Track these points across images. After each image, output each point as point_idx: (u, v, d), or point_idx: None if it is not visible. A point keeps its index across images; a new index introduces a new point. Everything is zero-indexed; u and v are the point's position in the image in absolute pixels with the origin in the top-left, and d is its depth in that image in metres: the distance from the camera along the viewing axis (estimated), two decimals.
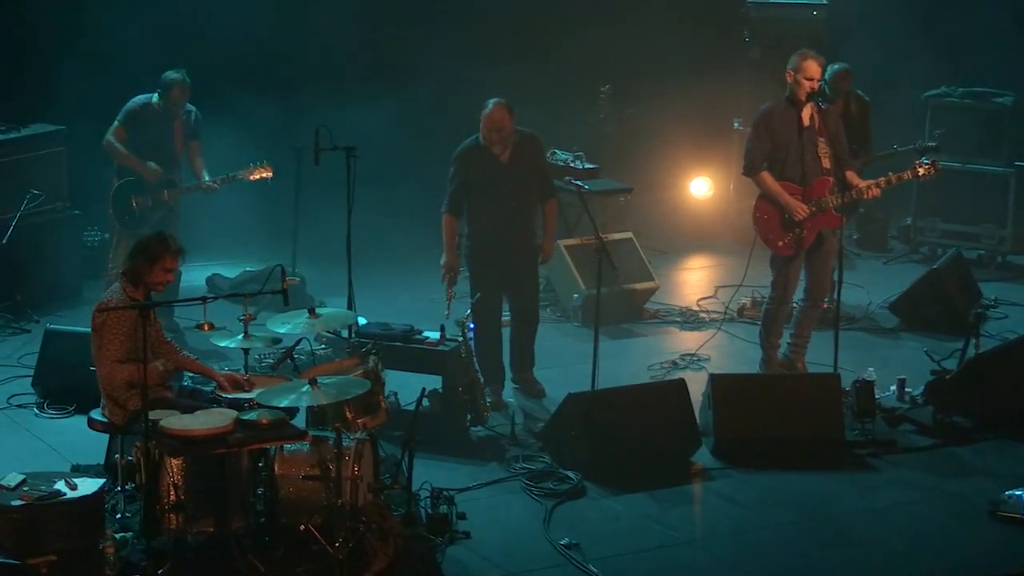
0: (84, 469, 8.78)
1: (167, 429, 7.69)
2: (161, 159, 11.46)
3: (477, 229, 10.32)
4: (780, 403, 9.69)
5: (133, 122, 11.44)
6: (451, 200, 10.26)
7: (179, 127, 11.55)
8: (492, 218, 10.25)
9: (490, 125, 10.11)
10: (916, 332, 12.06)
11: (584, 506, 8.93)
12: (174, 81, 11.35)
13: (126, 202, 11.44)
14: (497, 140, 10.13)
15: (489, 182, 10.18)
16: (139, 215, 11.42)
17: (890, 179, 10.57)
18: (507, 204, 10.23)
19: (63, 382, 10.14)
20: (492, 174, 10.18)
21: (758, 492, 9.19)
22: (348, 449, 7.90)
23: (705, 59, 15.09)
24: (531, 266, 10.53)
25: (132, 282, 8.42)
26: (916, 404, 10.30)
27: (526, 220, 10.40)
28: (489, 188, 10.20)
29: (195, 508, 7.68)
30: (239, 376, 8.63)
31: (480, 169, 10.19)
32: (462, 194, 10.24)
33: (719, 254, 14.28)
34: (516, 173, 10.23)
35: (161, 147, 11.48)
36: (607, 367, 10.19)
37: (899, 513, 8.97)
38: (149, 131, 11.43)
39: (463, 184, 10.22)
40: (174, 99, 11.38)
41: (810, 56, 10.35)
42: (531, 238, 10.46)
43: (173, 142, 11.55)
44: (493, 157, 10.18)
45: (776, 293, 10.69)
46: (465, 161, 10.23)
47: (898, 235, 14.73)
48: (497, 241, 10.27)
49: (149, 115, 11.45)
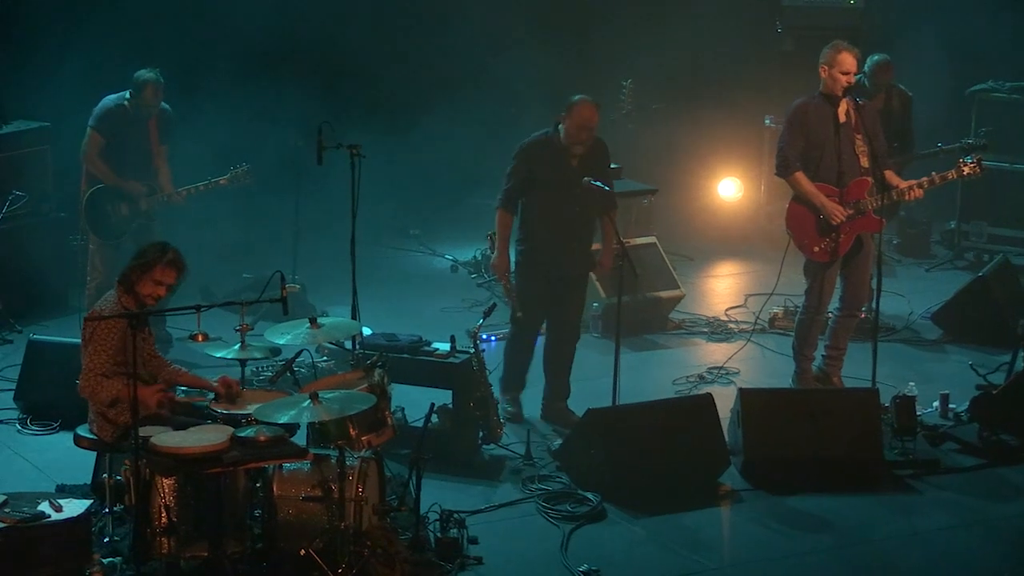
0: (70, 489, 8.81)
1: (158, 447, 7.71)
2: (137, 163, 11.50)
3: (535, 233, 10.21)
4: (814, 420, 9.69)
5: (108, 126, 11.46)
6: (510, 196, 10.19)
7: (154, 127, 11.57)
8: (554, 223, 10.16)
9: (580, 123, 10.03)
10: (960, 344, 12.06)
11: (604, 530, 8.93)
12: (147, 80, 11.38)
13: (100, 211, 11.47)
14: (585, 139, 10.05)
15: (558, 183, 10.09)
16: (114, 224, 11.45)
17: (933, 179, 10.57)
18: (572, 209, 10.16)
19: (47, 396, 10.16)
20: (562, 175, 10.09)
21: (790, 516, 9.19)
22: (352, 468, 7.92)
23: (734, 51, 15.11)
24: (583, 279, 10.52)
25: (126, 288, 8.43)
26: (960, 421, 10.29)
27: (588, 229, 10.36)
28: (557, 190, 10.11)
29: (188, 531, 7.71)
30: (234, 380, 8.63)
31: (550, 168, 10.11)
32: (521, 191, 10.18)
33: (749, 260, 14.30)
34: (583, 175, 10.08)
35: (137, 151, 11.52)
36: (629, 381, 10.18)
37: (942, 539, 8.96)
38: (124, 134, 11.46)
39: (526, 180, 10.13)
40: (147, 99, 11.41)
41: (844, 48, 10.34)
42: (589, 249, 10.42)
43: (149, 144, 11.57)
44: (567, 157, 10.10)
45: (810, 302, 10.69)
46: (534, 157, 10.13)
47: (941, 240, 14.74)
48: (556, 248, 10.19)
49: (122, 117, 11.47)
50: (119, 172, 11.48)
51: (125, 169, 11.50)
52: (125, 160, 11.47)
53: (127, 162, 11.47)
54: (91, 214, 11.53)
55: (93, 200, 11.50)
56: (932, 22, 14.70)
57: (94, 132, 11.51)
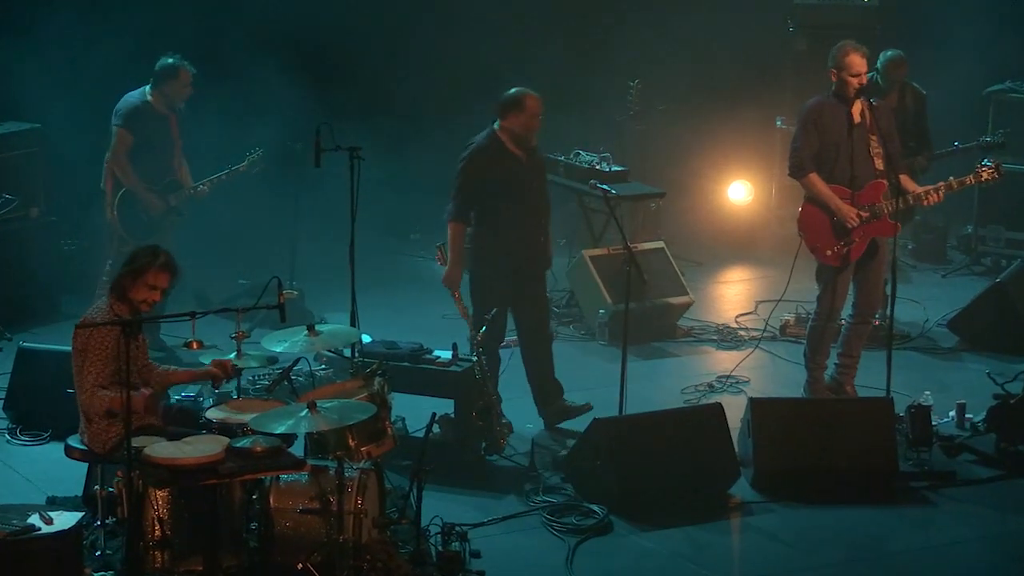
0: (61, 502, 8.82)
1: (152, 457, 7.71)
2: (163, 162, 11.50)
3: (503, 237, 10.24)
4: (827, 430, 9.68)
5: (137, 124, 11.39)
6: (463, 207, 10.23)
7: (174, 123, 11.57)
8: (520, 224, 10.24)
9: (533, 113, 10.19)
10: (977, 352, 12.05)
11: (611, 543, 8.93)
12: (179, 66, 11.34)
13: (132, 210, 11.44)
14: (535, 131, 10.24)
15: (515, 183, 10.20)
16: (147, 223, 11.44)
17: (951, 184, 10.56)
18: (535, 207, 10.29)
19: (38, 405, 10.17)
20: (517, 174, 10.21)
21: (803, 528, 9.18)
22: (351, 480, 7.92)
23: (745, 50, 15.10)
24: (544, 276, 10.61)
25: (118, 296, 8.44)
26: (977, 432, 10.28)
27: (547, 225, 10.47)
28: (515, 189, 10.21)
29: (182, 545, 7.71)
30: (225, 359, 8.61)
31: (504, 170, 10.19)
32: (475, 201, 10.24)
33: (760, 265, 14.30)
34: (538, 173, 10.33)
35: (163, 149, 11.52)
36: (636, 390, 10.20)
37: (958, 553, 8.96)
38: (151, 132, 11.43)
39: (480, 188, 10.20)
40: (179, 88, 11.36)
41: (852, 49, 10.32)
42: (549, 244, 10.55)
43: (171, 141, 11.58)
44: (514, 156, 10.21)
45: (822, 308, 10.69)
46: (486, 165, 10.20)
47: (958, 245, 14.73)
48: (525, 249, 10.28)
49: (149, 114, 11.45)
50: (145, 174, 11.46)
51: (151, 169, 11.49)
52: (152, 160, 11.46)
53: (154, 161, 11.46)
54: (124, 214, 11.47)
55: (125, 200, 11.47)
56: (949, 21, 14.69)
57: (123, 131, 11.43)
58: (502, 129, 10.24)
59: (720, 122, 15.27)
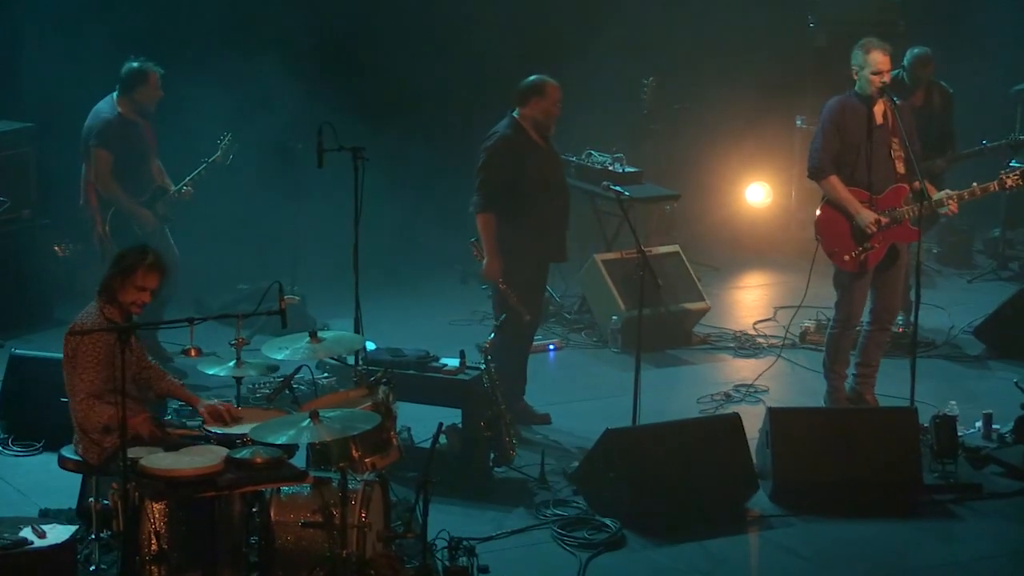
0: (54, 514, 8.82)
1: (148, 469, 7.72)
2: (142, 171, 11.49)
3: (530, 227, 10.36)
4: (849, 441, 9.69)
5: (114, 140, 11.37)
6: (493, 197, 10.32)
7: (147, 128, 11.52)
8: (546, 213, 10.39)
9: (555, 100, 10.37)
10: (1005, 360, 12.06)
11: (624, 558, 8.93)
12: (148, 70, 11.30)
13: (126, 228, 11.40)
14: (554, 118, 10.40)
15: (540, 171, 10.37)
16: (140, 237, 11.41)
17: (974, 191, 10.56)
18: (558, 196, 10.48)
19: (30, 415, 10.18)
20: (541, 164, 10.38)
21: (823, 543, 9.18)
22: (354, 492, 7.92)
23: (764, 47, 15.11)
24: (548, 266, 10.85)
25: (108, 299, 8.40)
26: (1005, 443, 10.30)
27: (568, 216, 10.65)
28: (541, 178, 10.37)
29: (180, 559, 7.71)
30: (221, 407, 8.57)
31: (529, 159, 10.32)
32: (504, 191, 10.29)
33: (779, 271, 14.30)
34: (558, 162, 10.56)
35: (141, 158, 11.49)
36: (650, 399, 10.21)
37: (984, 568, 8.96)
38: (128, 144, 11.41)
39: (506, 177, 10.28)
40: (149, 92, 11.33)
41: (874, 47, 10.32)
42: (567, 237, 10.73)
43: (147, 147, 11.55)
44: (537, 145, 10.36)
45: (840, 315, 10.69)
46: (511, 154, 10.30)
47: (984, 249, 14.73)
48: (551, 235, 10.48)
49: (122, 126, 11.41)
50: (129, 187, 11.43)
51: (135, 182, 11.46)
52: (134, 172, 11.41)
53: (136, 173, 11.43)
54: (118, 233, 11.38)
55: (117, 218, 11.43)
56: (974, 16, 14.70)
57: (102, 151, 11.35)
58: (523, 117, 10.36)
59: (738, 121, 15.27)
